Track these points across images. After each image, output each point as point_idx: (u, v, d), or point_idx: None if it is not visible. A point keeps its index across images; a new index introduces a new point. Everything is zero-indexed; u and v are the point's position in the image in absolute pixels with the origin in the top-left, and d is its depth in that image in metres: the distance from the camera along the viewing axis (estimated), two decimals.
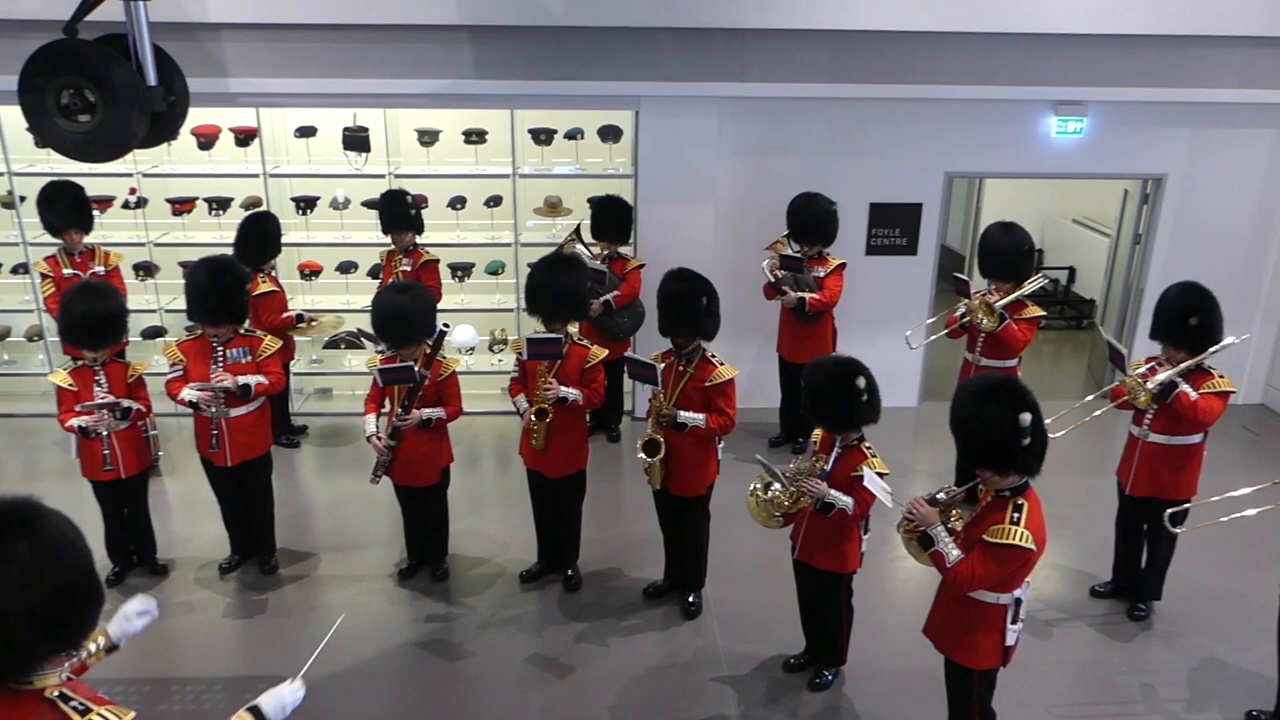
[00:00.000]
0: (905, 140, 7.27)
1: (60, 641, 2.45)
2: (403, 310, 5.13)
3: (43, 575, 2.36)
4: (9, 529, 2.36)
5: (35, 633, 2.37)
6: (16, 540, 2.35)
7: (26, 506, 2.44)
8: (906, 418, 7.73)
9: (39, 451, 7.23)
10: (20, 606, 2.32)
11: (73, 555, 2.45)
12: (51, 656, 2.47)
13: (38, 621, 2.36)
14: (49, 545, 2.39)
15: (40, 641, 2.39)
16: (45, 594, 2.36)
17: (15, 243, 7.44)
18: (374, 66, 6.67)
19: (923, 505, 3.77)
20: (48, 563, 2.38)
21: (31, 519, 2.40)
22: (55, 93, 3.95)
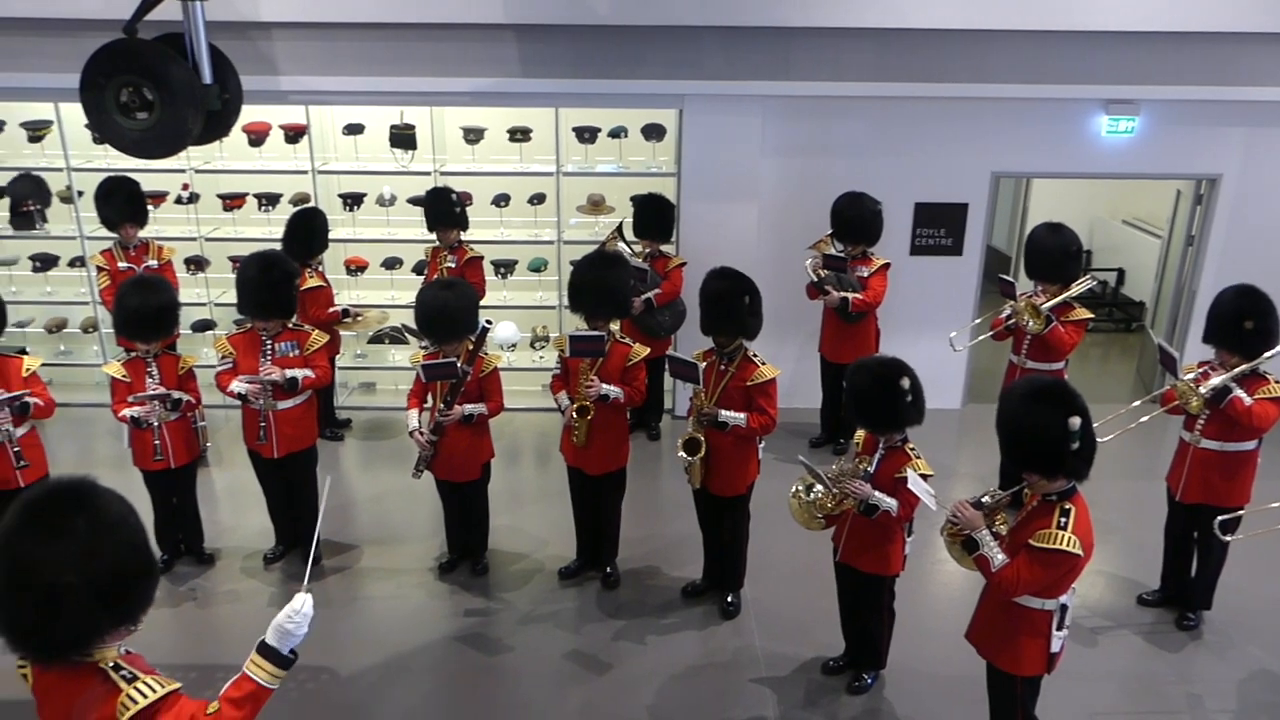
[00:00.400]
0: (951, 139, 7.19)
1: (118, 615, 2.54)
2: (446, 306, 5.18)
3: (100, 550, 2.47)
4: (68, 506, 2.47)
5: (95, 605, 2.47)
6: (75, 517, 2.46)
7: (84, 486, 2.55)
8: (950, 420, 7.65)
9: (92, 440, 7.40)
10: (80, 579, 2.43)
11: (128, 531, 2.56)
12: (111, 630, 2.56)
13: (97, 594, 2.46)
14: (106, 521, 2.50)
15: (100, 614, 2.49)
16: (103, 568, 2.47)
17: (73, 236, 7.62)
18: (421, 65, 6.73)
19: (967, 508, 3.73)
20: (105, 538, 2.48)
21: (89, 497, 2.52)
22: (115, 91, 4.05)
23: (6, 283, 7.51)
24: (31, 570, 2.41)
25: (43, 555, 2.42)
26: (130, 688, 2.53)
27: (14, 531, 2.46)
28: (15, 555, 2.43)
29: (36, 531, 2.44)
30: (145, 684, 2.55)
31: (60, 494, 2.51)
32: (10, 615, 2.47)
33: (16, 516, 2.48)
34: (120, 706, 2.50)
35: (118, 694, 2.52)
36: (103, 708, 2.51)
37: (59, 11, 6.42)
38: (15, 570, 2.43)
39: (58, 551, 2.42)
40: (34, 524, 2.45)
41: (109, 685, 2.54)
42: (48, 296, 7.89)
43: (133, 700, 2.51)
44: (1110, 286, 10.39)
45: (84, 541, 2.45)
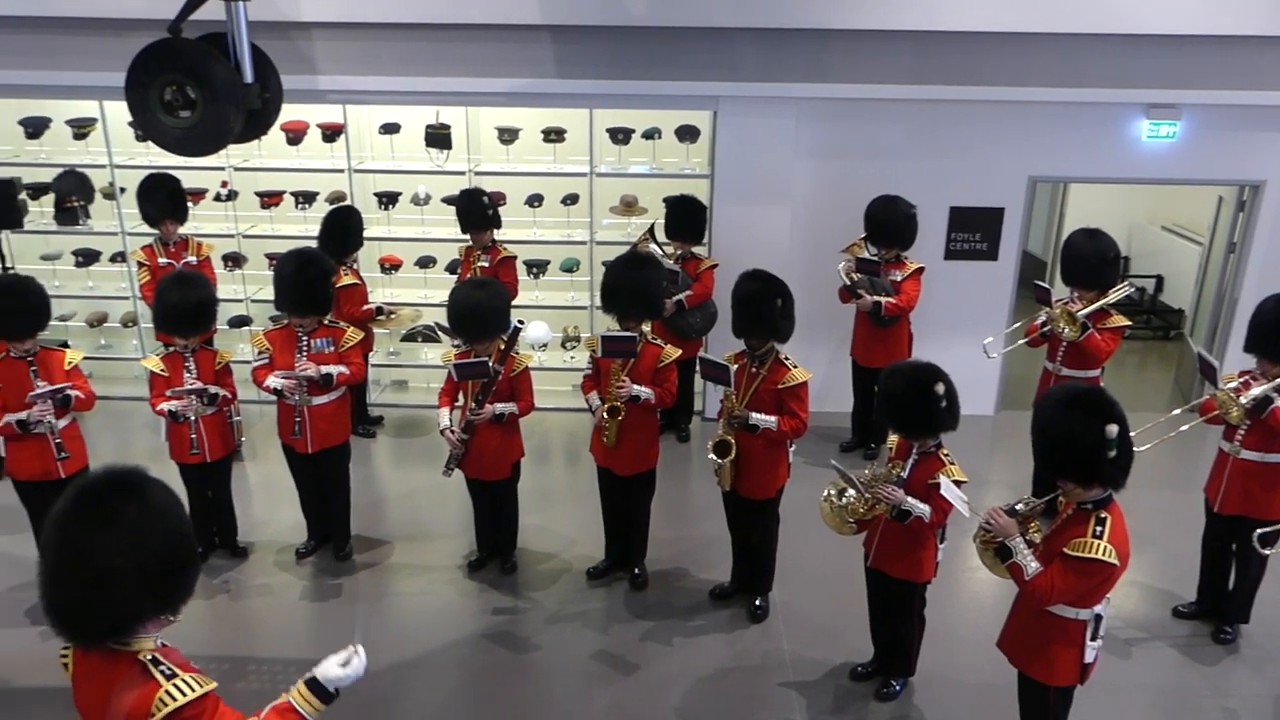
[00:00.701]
0: (988, 143, 7.12)
1: (162, 601, 2.60)
2: (479, 306, 5.21)
3: (149, 536, 2.53)
4: (120, 494, 2.54)
5: (141, 590, 2.52)
6: (126, 504, 2.53)
7: (135, 475, 2.62)
8: (983, 426, 7.57)
9: (130, 433, 7.51)
10: (129, 564, 2.49)
11: (175, 520, 2.62)
12: (153, 617, 2.61)
13: (142, 580, 2.52)
14: (155, 509, 2.57)
15: (144, 600, 2.55)
16: (151, 554, 2.53)
17: (115, 232, 7.74)
18: (458, 65, 6.77)
19: (1001, 515, 3.70)
20: (154, 525, 2.55)
21: (138, 485, 2.59)
22: (159, 89, 4.11)
23: (50, 277, 7.64)
24: (82, 553, 2.47)
25: (93, 539, 2.48)
26: (169, 684, 2.56)
27: (67, 516, 2.52)
28: (67, 538, 2.50)
29: (89, 516, 2.50)
30: (184, 682, 2.59)
31: (113, 482, 2.58)
32: (58, 597, 2.53)
33: (70, 501, 2.55)
34: (158, 702, 2.54)
35: (155, 688, 2.56)
36: (138, 700, 2.55)
37: (104, 11, 6.52)
38: (66, 553, 2.50)
39: (108, 536, 2.48)
40: (86, 509, 2.52)
41: (147, 678, 2.58)
42: (89, 291, 8.03)
43: (171, 698, 2.54)
44: (1149, 293, 10.24)
45: (133, 528, 2.51)
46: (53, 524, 2.54)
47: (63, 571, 2.51)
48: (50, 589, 2.55)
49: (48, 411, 4.97)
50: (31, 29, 6.73)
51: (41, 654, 5.00)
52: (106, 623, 2.55)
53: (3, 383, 4.98)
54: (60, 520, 2.53)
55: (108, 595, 2.49)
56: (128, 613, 2.55)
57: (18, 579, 5.58)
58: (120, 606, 2.53)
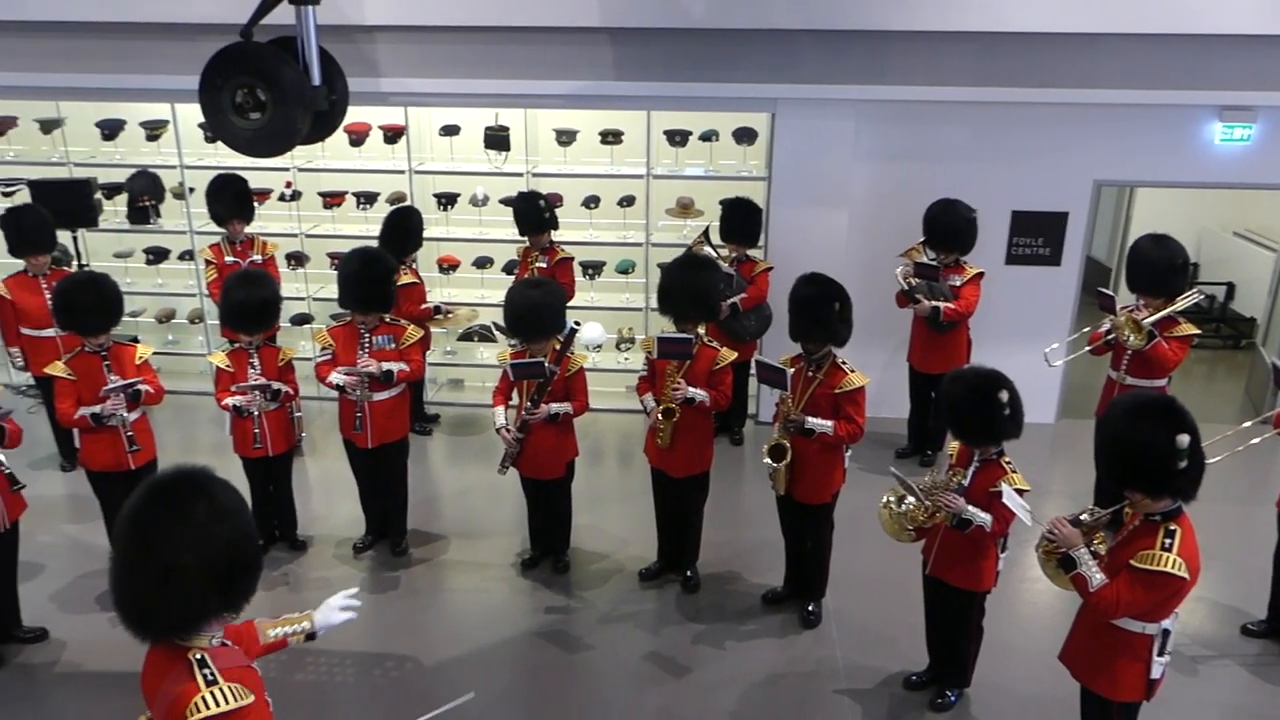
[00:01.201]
0: (1052, 146, 6.99)
1: (225, 600, 2.65)
2: (535, 306, 5.25)
3: (217, 536, 2.59)
4: (189, 493, 2.60)
5: (207, 589, 2.58)
6: (196, 503, 2.58)
7: (203, 474, 2.68)
8: (1043, 435, 7.43)
9: (195, 427, 7.71)
10: (197, 562, 2.54)
11: (241, 521, 2.68)
12: (217, 615, 2.66)
13: (209, 577, 2.57)
14: (223, 509, 2.62)
15: (209, 597, 2.60)
16: (218, 553, 2.58)
17: (183, 231, 7.95)
18: (517, 68, 6.83)
19: (1065, 525, 3.63)
20: (221, 525, 2.60)
21: (207, 485, 2.65)
22: (231, 92, 4.22)
23: (122, 274, 7.85)
24: (152, 549, 2.54)
25: (164, 536, 2.54)
26: (207, 690, 2.58)
27: (139, 513, 2.59)
28: (139, 534, 2.56)
29: (160, 513, 2.56)
30: (222, 692, 2.59)
31: (183, 481, 2.64)
32: (127, 591, 2.59)
33: (141, 499, 2.61)
34: (192, 706, 2.57)
35: (194, 691, 2.58)
36: (177, 699, 2.59)
37: (177, 16, 6.70)
38: (137, 548, 2.56)
39: (177, 534, 2.54)
40: (157, 507, 2.58)
41: (189, 678, 2.61)
42: (158, 288, 8.24)
43: (206, 705, 2.56)
44: (1219, 301, 9.95)
45: (202, 527, 2.57)
46: (124, 520, 2.61)
47: (132, 567, 2.57)
48: (120, 583, 2.61)
49: (120, 406, 5.12)
50: (108, 34, 6.94)
51: (111, 639, 5.13)
52: (171, 619, 2.61)
53: (78, 376, 5.14)
54: (132, 517, 2.59)
55: (174, 592, 2.54)
56: (193, 610, 2.60)
57: (89, 566, 5.75)
58: (186, 603, 2.58)
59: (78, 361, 5.18)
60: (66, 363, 5.19)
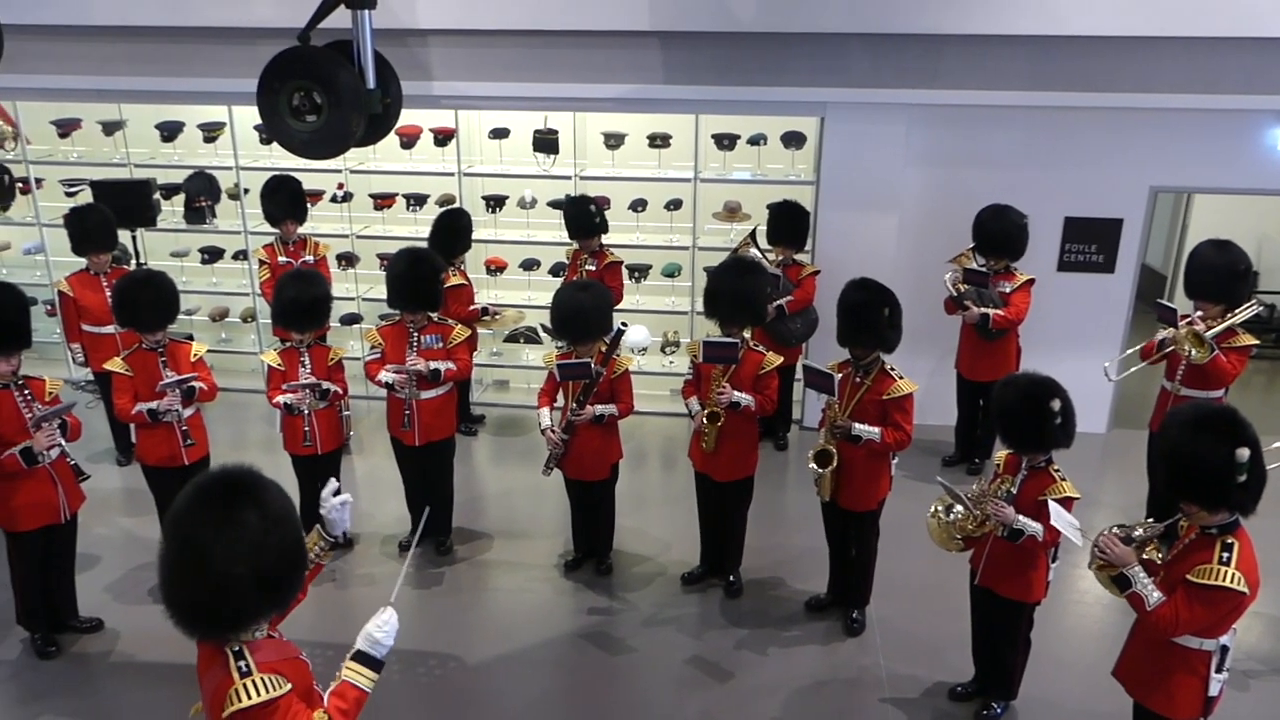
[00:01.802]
0: (1108, 152, 6.87)
1: (273, 604, 2.69)
2: (582, 308, 5.28)
3: (269, 543, 2.60)
4: (241, 500, 2.60)
5: (257, 595, 2.61)
6: (247, 510, 2.59)
7: (253, 479, 2.68)
8: (1094, 445, 7.29)
9: (245, 424, 7.84)
10: (248, 571, 2.56)
11: (290, 526, 2.70)
12: (266, 618, 2.70)
13: (260, 584, 2.59)
14: (274, 516, 2.63)
15: (260, 603, 2.64)
16: (270, 560, 2.60)
17: (238, 231, 8.10)
18: (567, 71, 6.86)
19: (1117, 544, 3.55)
20: (273, 532, 2.62)
21: (258, 490, 2.65)
22: (288, 95, 4.29)
23: (178, 273, 8.02)
24: (205, 557, 2.54)
25: (216, 544, 2.54)
26: (242, 681, 2.62)
27: (190, 517, 2.59)
28: (190, 541, 2.57)
29: (211, 520, 2.56)
30: (257, 683, 2.63)
31: (233, 485, 2.63)
32: (180, 595, 2.61)
33: (191, 502, 2.61)
34: (230, 697, 2.61)
35: (230, 683, 2.63)
36: (217, 690, 2.65)
37: (235, 20, 6.83)
38: (189, 555, 2.57)
39: (230, 542, 2.55)
40: (209, 512, 2.58)
41: (227, 670, 2.65)
42: (213, 287, 8.40)
43: (243, 695, 2.61)
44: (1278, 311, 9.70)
45: (255, 535, 2.58)
46: (174, 523, 2.61)
47: (184, 571, 2.58)
48: (171, 587, 2.63)
49: (176, 402, 5.22)
50: (168, 38, 7.09)
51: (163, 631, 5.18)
52: (226, 624, 2.64)
53: (135, 372, 5.26)
54: (182, 521, 2.60)
55: (226, 599, 2.56)
56: (244, 615, 2.64)
57: (143, 559, 5.88)
58: (237, 609, 2.61)
59: (135, 358, 5.30)
60: (124, 359, 5.31)
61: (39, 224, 8.24)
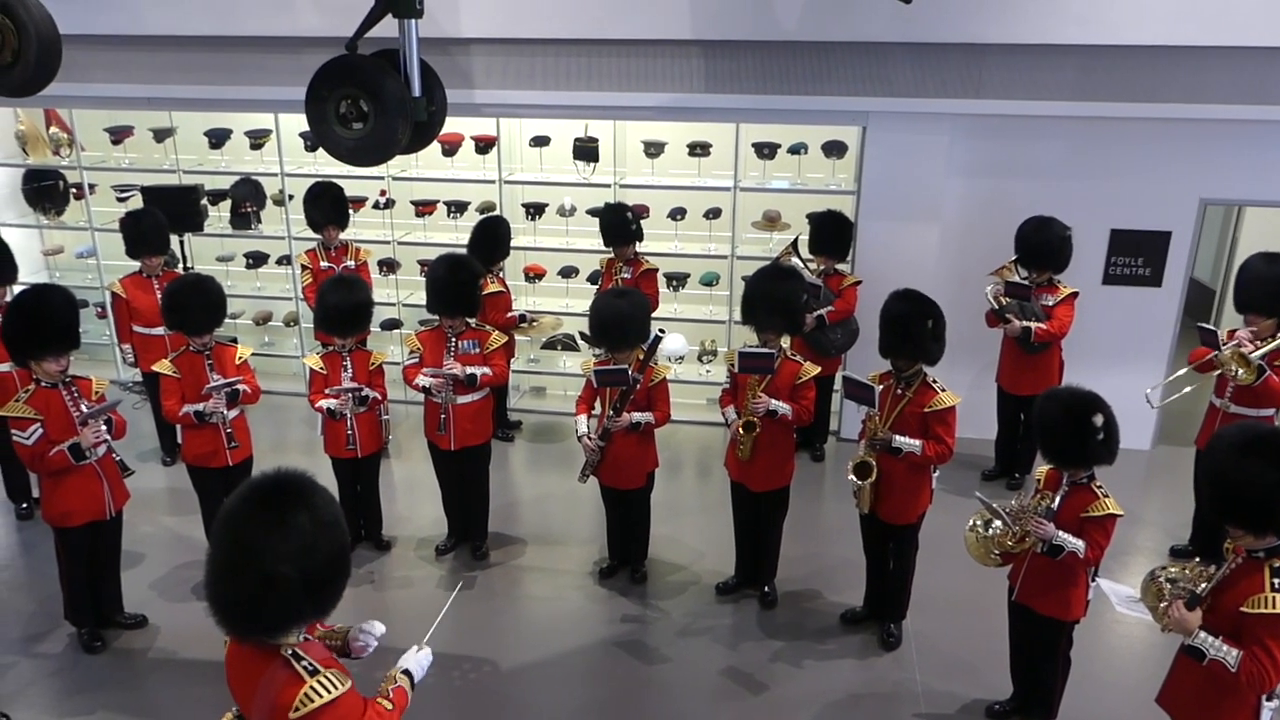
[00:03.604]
0: (1156, 163, 6.76)
1: (317, 607, 2.72)
2: (620, 315, 5.29)
3: (319, 546, 2.65)
4: (293, 502, 2.65)
5: (304, 597, 2.64)
6: (299, 513, 2.64)
7: (306, 483, 2.73)
8: (1138, 461, 7.16)
9: (286, 426, 7.95)
10: (298, 573, 2.60)
11: (339, 532, 2.73)
12: (309, 621, 2.74)
13: (306, 587, 2.63)
14: (324, 520, 2.67)
15: (304, 606, 2.67)
16: (317, 563, 2.64)
17: (281, 236, 8.23)
18: (608, 80, 6.90)
19: (1179, 610, 3.40)
20: (323, 535, 2.66)
21: (310, 495, 2.69)
22: (336, 103, 4.36)
23: (224, 277, 8.15)
24: (254, 557, 2.58)
25: (266, 544, 2.59)
26: (313, 680, 2.67)
27: (242, 517, 2.64)
28: (240, 540, 2.61)
29: (263, 521, 2.61)
30: (326, 680, 2.69)
31: (287, 488, 2.68)
32: (226, 594, 2.65)
33: (244, 503, 2.66)
34: (301, 698, 2.65)
35: (300, 684, 2.67)
36: (282, 694, 2.67)
37: (282, 30, 6.95)
38: (239, 554, 2.61)
39: (280, 544, 2.59)
40: (261, 514, 2.62)
41: (291, 673, 2.69)
42: (257, 291, 8.54)
43: (316, 694, 2.66)
44: None
45: (305, 537, 2.62)
46: (225, 523, 2.66)
47: (233, 570, 2.62)
48: (218, 584, 2.66)
49: (221, 404, 5.31)
50: (217, 47, 7.23)
51: (204, 629, 5.26)
52: (267, 623, 2.67)
53: (183, 374, 5.36)
54: (233, 521, 2.64)
55: (273, 599, 2.60)
56: (289, 616, 2.67)
57: (187, 557, 5.98)
58: (283, 610, 2.65)
59: (182, 360, 5.41)
60: (172, 361, 5.42)
61: (91, 228, 8.43)
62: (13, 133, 8.50)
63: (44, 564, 5.61)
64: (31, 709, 4.79)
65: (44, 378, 4.79)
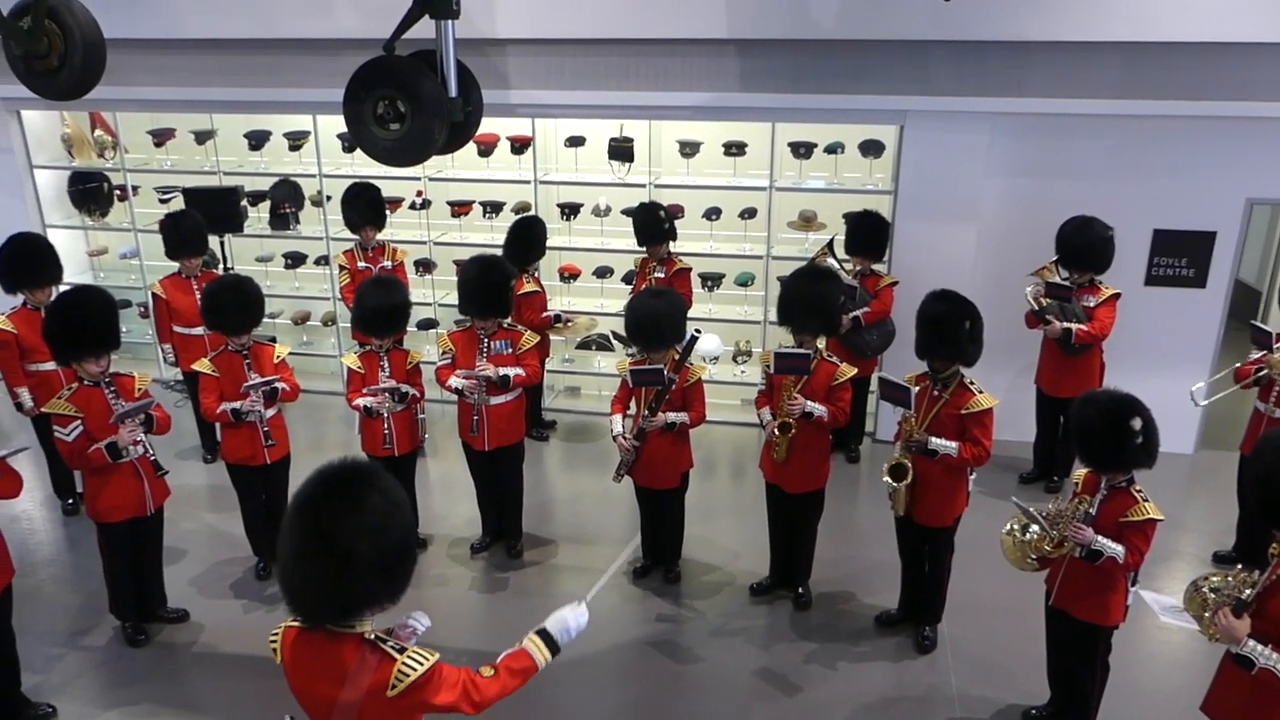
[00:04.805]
0: (1201, 162, 6.63)
1: (390, 588, 2.75)
2: (656, 314, 5.29)
3: (391, 525, 2.70)
4: (364, 484, 2.70)
5: (378, 575, 2.69)
6: (371, 493, 2.68)
7: (372, 467, 2.79)
8: (1180, 466, 7.04)
9: (325, 425, 8.04)
10: (373, 550, 2.64)
11: (407, 512, 2.80)
12: (383, 602, 2.76)
13: (381, 566, 2.68)
14: (395, 500, 2.73)
15: (380, 584, 2.71)
16: (390, 542, 2.69)
17: (319, 237, 8.32)
18: (643, 80, 6.89)
19: (1227, 618, 3.35)
20: (394, 515, 2.71)
21: (378, 477, 2.75)
22: (373, 103, 4.39)
23: (263, 277, 8.27)
24: (333, 536, 2.62)
25: (344, 525, 2.63)
26: (403, 658, 2.73)
27: (317, 501, 2.68)
28: (319, 525, 2.64)
29: (339, 504, 2.65)
30: (415, 656, 2.76)
31: (358, 472, 2.73)
32: (304, 576, 2.67)
33: (317, 488, 2.70)
34: (397, 675, 2.71)
35: (391, 664, 2.72)
36: (377, 675, 2.72)
37: (321, 32, 7.02)
38: (317, 538, 2.64)
39: (356, 522, 2.63)
40: (335, 496, 2.67)
41: (379, 655, 2.74)
42: (295, 291, 8.64)
43: (409, 670, 2.72)
44: None
45: (379, 516, 2.67)
46: (300, 511, 2.68)
47: (312, 554, 2.64)
48: (295, 569, 2.68)
49: (259, 403, 5.38)
50: (257, 50, 7.33)
51: (244, 624, 5.43)
52: (342, 604, 2.70)
53: (221, 373, 5.44)
54: (307, 505, 2.68)
55: (350, 577, 2.64)
56: (364, 596, 2.70)
57: (227, 554, 6.07)
58: (358, 589, 2.68)
59: (222, 359, 5.48)
60: (212, 360, 5.49)
61: (134, 229, 8.58)
62: (59, 136, 8.67)
63: (89, 559, 5.71)
64: (77, 700, 4.89)
65: (86, 376, 4.88)
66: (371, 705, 2.73)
